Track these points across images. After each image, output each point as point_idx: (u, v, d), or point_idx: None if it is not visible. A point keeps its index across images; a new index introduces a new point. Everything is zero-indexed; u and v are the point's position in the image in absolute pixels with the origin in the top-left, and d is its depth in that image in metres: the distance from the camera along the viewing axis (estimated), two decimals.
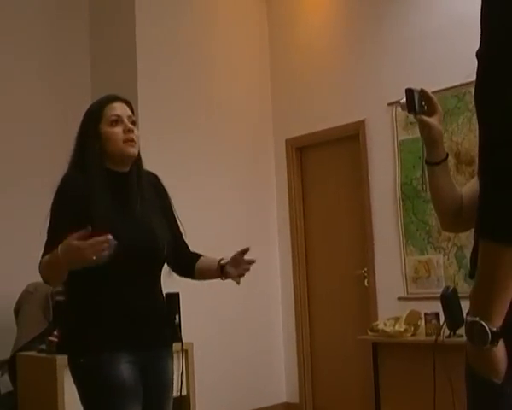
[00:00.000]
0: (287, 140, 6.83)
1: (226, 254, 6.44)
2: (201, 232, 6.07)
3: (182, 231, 3.05)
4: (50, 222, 2.69)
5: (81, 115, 2.88)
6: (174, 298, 4.97)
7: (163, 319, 2.87)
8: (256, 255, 7.07)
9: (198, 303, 5.82)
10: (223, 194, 6.40)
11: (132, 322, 2.69)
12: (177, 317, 4.85)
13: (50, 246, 2.59)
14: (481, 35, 1.43)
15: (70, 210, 2.65)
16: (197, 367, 5.23)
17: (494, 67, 1.38)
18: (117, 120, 2.77)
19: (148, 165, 2.99)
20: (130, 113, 2.84)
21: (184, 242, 3.09)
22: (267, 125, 6.94)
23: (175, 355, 2.98)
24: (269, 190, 6.89)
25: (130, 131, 2.77)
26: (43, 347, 4.70)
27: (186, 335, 4.63)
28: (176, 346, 2.95)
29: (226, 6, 6.71)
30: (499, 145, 1.35)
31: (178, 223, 3.02)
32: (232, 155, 6.54)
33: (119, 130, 2.76)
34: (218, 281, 6.39)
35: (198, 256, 3.07)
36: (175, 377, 2.93)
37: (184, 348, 3.03)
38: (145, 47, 5.96)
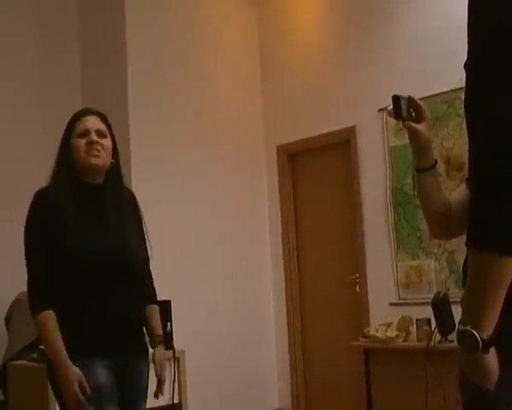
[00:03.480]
0: (278, 146, 6.83)
1: (215, 262, 6.46)
2: (191, 240, 6.08)
3: (149, 253, 3.08)
4: (29, 249, 2.82)
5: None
6: (166, 306, 4.97)
7: (139, 329, 2.95)
8: (247, 262, 7.10)
9: (190, 311, 5.81)
10: (213, 201, 6.39)
11: (108, 330, 2.78)
12: (168, 324, 4.85)
13: (37, 276, 2.76)
14: (468, 47, 1.45)
15: (43, 235, 2.77)
16: (189, 374, 5.22)
17: (481, 79, 1.41)
18: (84, 133, 2.88)
19: (139, 172, 3.00)
20: (100, 126, 2.93)
21: (148, 266, 3.11)
22: (258, 131, 6.95)
23: (167, 363, 3.00)
24: (260, 196, 6.88)
25: (94, 142, 2.86)
26: (35, 355, 4.68)
27: (178, 342, 4.64)
28: (168, 353, 2.97)
29: (216, 11, 6.71)
30: (486, 155, 1.37)
31: (147, 244, 3.07)
32: (223, 161, 6.53)
33: (82, 141, 2.87)
34: (211, 288, 6.39)
35: (151, 299, 3.09)
36: (167, 384, 2.97)
37: (176, 355, 3.04)
38: (135, 57, 5.94)
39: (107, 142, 2.93)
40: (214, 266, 6.30)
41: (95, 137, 2.87)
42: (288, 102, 6.76)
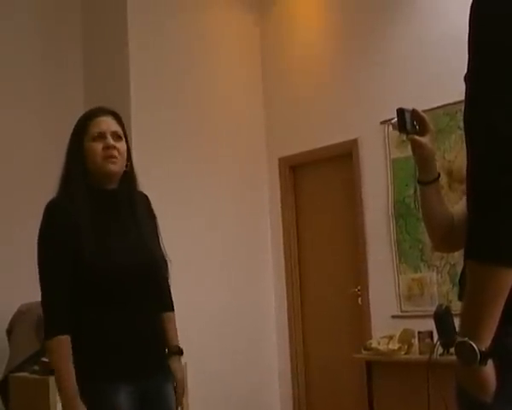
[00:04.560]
0: (280, 159, 6.84)
1: (217, 272, 6.42)
2: (193, 251, 6.08)
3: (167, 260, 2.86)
4: (42, 267, 2.62)
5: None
6: None
7: (163, 344, 2.80)
8: (249, 274, 7.08)
9: (191, 320, 5.79)
10: (216, 213, 6.39)
11: (133, 350, 2.60)
12: None
13: (54, 296, 2.56)
14: (468, 60, 1.46)
15: (60, 251, 2.58)
16: (191, 383, 5.20)
17: (480, 92, 1.42)
18: (99, 136, 2.67)
19: (140, 176, 2.93)
20: (115, 127, 2.72)
21: (167, 274, 2.90)
22: (260, 143, 6.95)
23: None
24: (262, 208, 6.89)
25: (111, 147, 2.65)
26: (36, 368, 4.67)
27: None
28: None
29: (218, 24, 6.74)
30: (484, 168, 1.38)
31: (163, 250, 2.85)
32: (225, 173, 6.54)
33: (99, 146, 2.65)
34: (212, 299, 6.36)
35: (168, 307, 2.94)
36: None
37: None
38: (138, 67, 5.96)
39: (123, 145, 2.72)
40: (216, 277, 6.30)
41: (112, 142, 2.66)
42: (290, 114, 6.78)
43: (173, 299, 3.00)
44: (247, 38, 7.00)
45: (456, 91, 4.58)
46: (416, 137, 2.03)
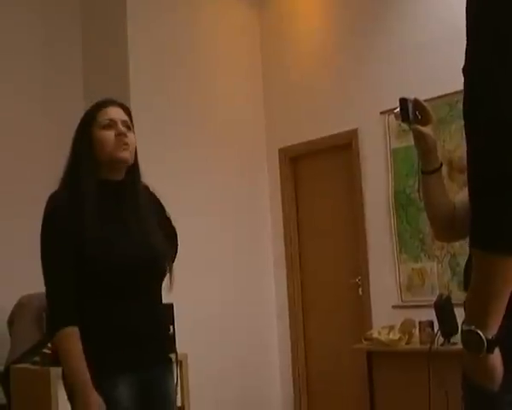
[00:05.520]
0: (280, 150, 6.83)
1: (218, 265, 6.43)
2: (193, 242, 6.07)
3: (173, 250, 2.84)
4: (46, 259, 2.57)
5: (72, 128, 2.73)
6: (168, 309, 4.97)
7: (165, 337, 2.77)
8: (250, 265, 7.07)
9: (192, 314, 5.81)
10: (216, 204, 6.38)
11: (134, 342, 2.56)
12: (171, 328, 4.85)
13: (60, 289, 2.52)
14: (466, 50, 1.45)
15: (63, 242, 2.53)
16: (191, 378, 5.21)
17: (477, 81, 1.41)
18: (110, 124, 2.61)
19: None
20: (125, 117, 2.67)
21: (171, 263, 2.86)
22: (260, 134, 6.95)
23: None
24: (262, 199, 6.88)
25: (123, 134, 2.60)
26: (37, 359, 4.67)
27: (180, 345, 4.63)
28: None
29: (217, 17, 6.72)
30: (488, 155, 1.37)
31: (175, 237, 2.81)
32: (225, 165, 6.53)
33: (110, 134, 2.59)
34: (213, 292, 6.37)
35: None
36: None
37: (179, 358, 2.98)
38: (138, 59, 5.94)
39: (133, 136, 2.67)
40: (216, 270, 6.30)
41: (123, 129, 2.61)
42: (290, 105, 6.76)
43: (173, 290, 2.95)
44: (247, 29, 6.98)
45: (456, 81, 4.59)
46: (419, 127, 2.02)
